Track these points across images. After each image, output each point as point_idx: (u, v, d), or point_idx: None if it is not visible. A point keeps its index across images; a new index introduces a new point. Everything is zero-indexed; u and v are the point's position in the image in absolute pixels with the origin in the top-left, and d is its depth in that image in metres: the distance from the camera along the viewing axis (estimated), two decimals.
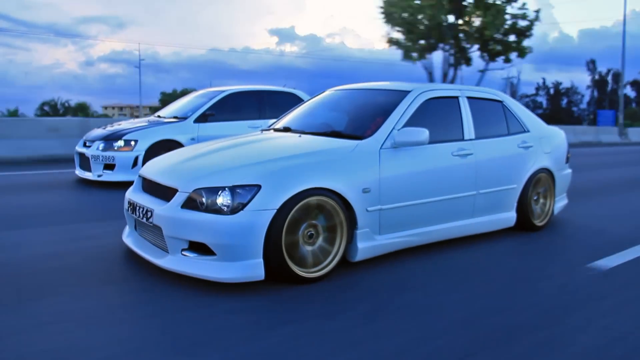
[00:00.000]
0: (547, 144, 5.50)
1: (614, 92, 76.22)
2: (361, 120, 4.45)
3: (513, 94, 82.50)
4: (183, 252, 3.45)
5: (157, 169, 4.03)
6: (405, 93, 4.46)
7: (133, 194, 4.04)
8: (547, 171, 5.45)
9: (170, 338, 2.71)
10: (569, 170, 6.00)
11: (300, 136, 4.34)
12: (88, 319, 2.91)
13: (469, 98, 4.87)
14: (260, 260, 3.35)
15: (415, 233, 4.23)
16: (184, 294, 3.30)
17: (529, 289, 3.62)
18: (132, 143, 7.52)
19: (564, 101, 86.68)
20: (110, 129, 8.17)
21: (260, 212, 3.32)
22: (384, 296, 3.40)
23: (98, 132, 8.20)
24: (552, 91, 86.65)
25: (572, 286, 3.72)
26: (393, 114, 4.22)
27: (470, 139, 4.68)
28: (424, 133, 3.99)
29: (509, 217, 5.10)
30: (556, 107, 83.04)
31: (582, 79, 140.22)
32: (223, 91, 8.83)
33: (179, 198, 3.50)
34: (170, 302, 3.18)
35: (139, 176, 4.22)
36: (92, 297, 3.24)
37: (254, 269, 3.34)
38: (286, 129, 4.72)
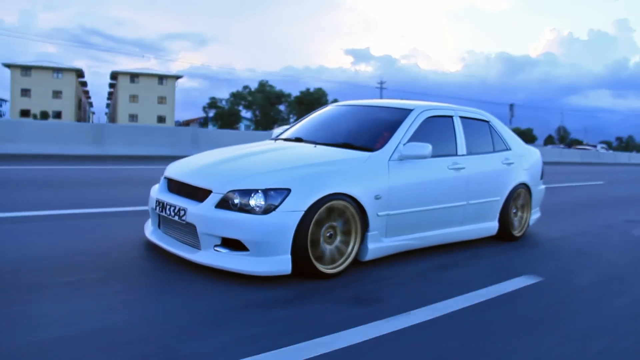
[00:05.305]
0: (526, 161, 6.10)
1: None
2: (369, 134, 4.89)
3: None
4: (215, 248, 3.82)
5: (185, 171, 4.37)
6: (409, 111, 4.95)
7: (161, 194, 4.37)
8: (525, 186, 6.03)
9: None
10: (543, 186, 6.61)
11: (315, 146, 4.75)
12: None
13: (461, 117, 5.40)
14: (288, 257, 3.74)
15: (415, 237, 4.70)
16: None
17: None
18: None
19: None
20: None
21: (291, 213, 3.72)
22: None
23: None
24: None
25: None
26: (399, 129, 4.70)
27: (463, 155, 5.20)
28: (427, 148, 4.47)
29: (492, 226, 5.65)
30: None
31: None
32: None
33: (213, 198, 3.86)
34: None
35: (165, 177, 4.55)
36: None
37: (283, 264, 3.73)
38: (298, 139, 5.13)
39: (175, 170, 4.53)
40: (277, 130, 5.89)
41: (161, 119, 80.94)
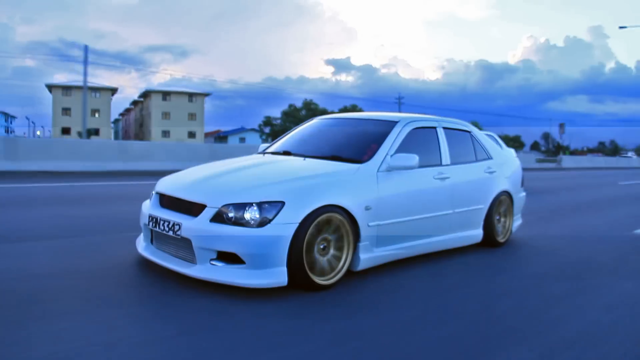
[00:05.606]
0: (507, 169, 6.27)
1: None
2: (356, 146, 4.98)
3: None
4: (211, 262, 3.85)
5: (177, 186, 4.39)
6: (394, 123, 5.06)
7: (154, 210, 4.38)
8: (507, 193, 6.19)
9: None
10: (524, 193, 6.77)
11: (304, 159, 4.83)
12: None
13: (444, 128, 5.53)
14: (284, 268, 3.80)
15: (405, 246, 4.80)
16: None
17: None
18: None
19: None
20: None
21: (285, 226, 3.78)
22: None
23: None
24: None
25: None
26: (386, 141, 4.81)
27: (447, 164, 5.33)
28: (414, 159, 4.58)
29: (477, 234, 5.78)
30: None
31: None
32: None
33: (208, 213, 3.90)
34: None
35: (156, 193, 4.56)
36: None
37: (279, 276, 3.78)
38: (286, 153, 5.20)
39: (167, 185, 4.55)
40: (263, 144, 5.96)
41: (191, 135, 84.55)
